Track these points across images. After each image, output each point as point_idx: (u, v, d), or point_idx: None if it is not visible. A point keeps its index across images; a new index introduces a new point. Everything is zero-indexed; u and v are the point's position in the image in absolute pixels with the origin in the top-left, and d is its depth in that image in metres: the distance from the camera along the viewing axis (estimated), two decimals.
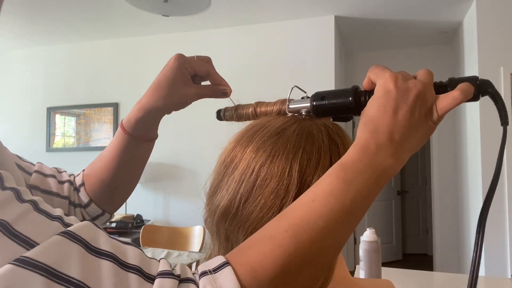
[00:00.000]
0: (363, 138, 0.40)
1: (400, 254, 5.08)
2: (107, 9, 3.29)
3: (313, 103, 0.49)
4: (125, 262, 0.31)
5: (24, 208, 0.30)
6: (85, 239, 0.30)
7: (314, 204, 0.37)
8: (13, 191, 0.31)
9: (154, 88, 0.58)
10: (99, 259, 0.30)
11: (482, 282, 1.68)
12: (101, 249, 0.31)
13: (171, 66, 0.57)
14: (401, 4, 3.18)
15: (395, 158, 0.40)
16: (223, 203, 0.46)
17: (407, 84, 0.41)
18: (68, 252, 0.29)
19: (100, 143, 3.98)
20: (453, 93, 0.41)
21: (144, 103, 0.59)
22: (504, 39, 2.93)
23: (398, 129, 0.40)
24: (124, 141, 0.62)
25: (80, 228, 0.31)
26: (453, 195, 4.04)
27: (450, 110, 0.42)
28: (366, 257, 1.28)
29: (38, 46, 4.22)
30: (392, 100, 0.40)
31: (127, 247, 0.33)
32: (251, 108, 0.54)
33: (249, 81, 3.58)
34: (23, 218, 0.29)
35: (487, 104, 2.81)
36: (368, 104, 0.43)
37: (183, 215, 3.65)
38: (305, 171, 0.44)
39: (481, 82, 0.43)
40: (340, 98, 0.47)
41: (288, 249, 0.34)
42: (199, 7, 2.58)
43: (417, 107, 0.40)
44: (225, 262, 0.34)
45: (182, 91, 0.58)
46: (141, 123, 0.61)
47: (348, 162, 0.39)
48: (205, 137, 3.61)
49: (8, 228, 0.28)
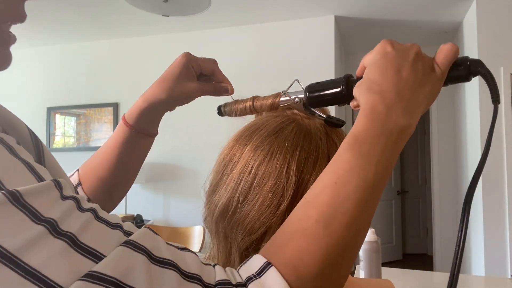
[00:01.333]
0: (370, 101, 0.39)
1: (400, 254, 5.08)
2: (107, 9, 3.29)
3: (307, 94, 0.49)
4: (186, 271, 0.31)
5: (86, 218, 0.30)
6: (147, 248, 0.30)
7: (336, 186, 0.35)
8: (74, 200, 0.30)
9: (159, 82, 0.60)
10: (162, 269, 0.30)
11: (482, 282, 1.68)
12: (163, 258, 0.30)
13: (178, 63, 0.59)
14: (401, 4, 3.18)
15: (407, 115, 0.38)
16: (221, 201, 0.46)
17: (404, 45, 0.41)
18: (133, 263, 0.28)
19: (100, 143, 3.98)
20: (445, 45, 0.42)
21: (148, 95, 0.60)
22: (504, 39, 2.93)
23: (404, 85, 0.39)
24: (125, 134, 0.62)
25: (141, 236, 0.31)
26: (453, 195, 4.04)
27: (449, 63, 0.42)
28: (366, 257, 1.28)
29: (38, 46, 4.22)
30: (393, 60, 0.40)
31: (185, 253, 0.33)
32: (248, 102, 0.55)
33: (249, 81, 3.58)
34: (86, 228, 0.29)
35: (487, 104, 2.81)
36: (367, 70, 0.42)
37: (183, 215, 3.65)
38: (303, 169, 0.44)
39: (471, 62, 0.43)
40: (333, 87, 0.47)
41: (324, 241, 0.33)
42: (199, 7, 2.58)
43: (419, 64, 0.40)
44: (267, 263, 0.33)
45: (186, 86, 0.60)
46: (144, 116, 0.61)
47: (360, 132, 0.37)
48: (205, 137, 3.61)
49: (74, 240, 0.28)
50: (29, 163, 0.30)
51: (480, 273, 2.93)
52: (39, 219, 0.27)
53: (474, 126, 3.06)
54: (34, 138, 0.41)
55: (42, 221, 0.27)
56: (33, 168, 0.30)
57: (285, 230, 0.36)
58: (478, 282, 1.64)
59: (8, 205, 0.26)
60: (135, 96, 2.94)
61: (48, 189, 0.29)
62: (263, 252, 0.36)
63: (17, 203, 0.27)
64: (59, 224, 0.28)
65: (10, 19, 0.38)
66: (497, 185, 2.81)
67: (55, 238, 0.27)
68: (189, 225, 3.09)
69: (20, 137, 0.38)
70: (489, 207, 2.83)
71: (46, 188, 0.29)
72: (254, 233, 0.44)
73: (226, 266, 0.47)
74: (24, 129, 0.40)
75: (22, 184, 0.28)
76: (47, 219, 0.27)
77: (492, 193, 2.82)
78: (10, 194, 0.27)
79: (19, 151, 0.31)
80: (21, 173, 0.29)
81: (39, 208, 0.27)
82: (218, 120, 0.90)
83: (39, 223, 0.27)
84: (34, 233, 0.26)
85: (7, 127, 0.37)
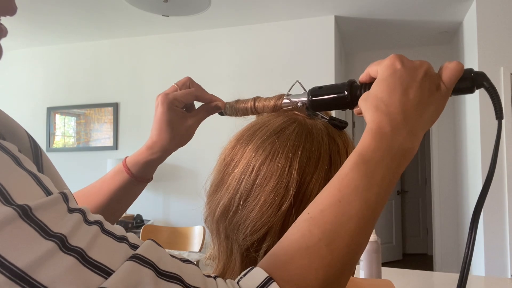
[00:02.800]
0: (377, 122, 0.39)
1: (400, 254, 5.08)
2: (107, 9, 3.29)
3: (309, 97, 0.49)
4: (191, 285, 0.31)
5: (94, 232, 0.29)
6: (153, 262, 0.30)
7: (341, 204, 0.36)
8: (80, 213, 0.30)
9: (159, 133, 0.59)
10: (168, 283, 0.30)
11: (482, 282, 1.68)
12: (168, 271, 0.31)
13: (162, 111, 0.58)
14: (401, 4, 3.18)
15: (411, 138, 0.39)
16: (223, 201, 0.46)
17: (413, 63, 0.41)
18: (141, 278, 0.29)
19: (100, 143, 3.98)
20: (450, 64, 0.42)
21: (155, 146, 0.60)
22: (504, 39, 2.93)
23: (411, 107, 0.39)
24: (123, 180, 0.61)
25: (146, 249, 0.31)
26: (453, 195, 4.04)
27: (455, 80, 0.42)
28: (366, 257, 1.28)
29: (38, 46, 4.22)
30: (402, 78, 0.40)
31: (187, 266, 0.33)
32: (250, 103, 0.55)
33: (249, 81, 3.58)
34: (94, 243, 0.29)
35: (487, 104, 2.81)
36: (375, 85, 0.42)
37: (183, 215, 3.65)
38: (305, 169, 0.44)
39: (476, 75, 0.43)
40: (336, 92, 0.47)
41: (326, 259, 0.34)
42: (199, 7, 2.58)
43: (426, 84, 0.41)
44: (269, 278, 0.34)
45: (183, 127, 0.60)
46: (150, 165, 0.62)
47: (366, 152, 0.38)
48: (205, 137, 3.60)
49: (83, 256, 0.27)
50: (35, 174, 0.30)
51: (480, 273, 2.93)
52: (48, 235, 0.27)
53: (474, 126, 3.06)
54: (33, 144, 0.40)
55: (52, 236, 0.27)
56: (39, 179, 0.30)
57: (288, 246, 0.36)
58: (478, 282, 1.64)
59: (18, 220, 0.26)
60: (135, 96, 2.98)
61: (56, 203, 0.29)
62: (264, 265, 0.36)
63: (27, 218, 0.26)
64: (68, 239, 0.27)
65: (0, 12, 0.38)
66: (497, 185, 2.81)
67: (64, 254, 0.27)
68: (189, 225, 3.09)
69: (19, 143, 0.38)
70: (489, 207, 2.83)
71: (55, 202, 0.29)
72: (255, 233, 0.44)
73: (227, 266, 0.47)
74: (23, 134, 0.40)
75: (31, 198, 0.28)
76: (57, 234, 0.27)
77: (492, 193, 2.82)
78: (21, 209, 0.26)
79: (23, 161, 0.31)
80: (29, 186, 0.29)
81: (48, 223, 0.27)
82: (219, 120, 0.90)
83: (48, 239, 0.27)
84: (44, 249, 0.26)
85: (5, 132, 0.37)
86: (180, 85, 0.60)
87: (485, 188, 0.40)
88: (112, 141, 3.93)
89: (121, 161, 0.64)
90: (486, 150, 2.88)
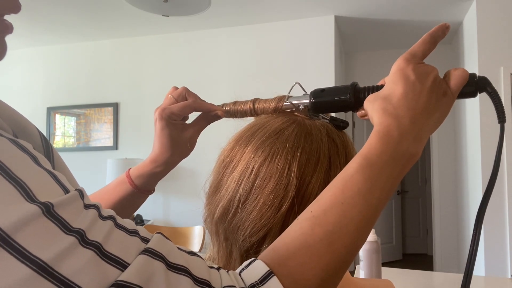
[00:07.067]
0: (385, 125, 0.40)
1: (400, 254, 5.08)
2: (107, 9, 3.29)
3: (311, 100, 0.49)
4: (198, 276, 0.33)
5: (108, 227, 0.31)
6: (163, 255, 0.32)
7: (343, 207, 0.37)
8: (95, 208, 0.32)
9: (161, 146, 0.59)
10: (178, 275, 0.31)
11: (482, 282, 1.68)
12: (177, 264, 0.32)
13: (161, 127, 0.58)
14: (401, 4, 3.18)
15: (416, 143, 0.40)
16: (222, 203, 0.46)
17: (423, 68, 0.42)
18: (154, 271, 0.30)
19: (100, 143, 3.98)
20: (456, 71, 0.43)
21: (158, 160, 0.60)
22: (504, 39, 2.93)
23: (419, 113, 0.40)
24: (127, 192, 0.61)
25: (157, 243, 0.33)
26: (453, 195, 4.04)
27: (460, 87, 0.43)
28: (366, 257, 1.28)
29: (38, 46, 4.22)
30: (412, 83, 0.41)
31: (193, 258, 0.34)
32: (249, 104, 0.55)
33: (248, 81, 3.58)
34: (109, 237, 0.30)
35: (487, 104, 2.81)
36: (386, 88, 0.42)
37: (183, 215, 3.65)
38: (304, 170, 0.44)
39: (479, 80, 0.43)
40: (339, 95, 0.47)
41: (326, 258, 0.36)
42: (199, 7, 2.58)
43: (434, 90, 0.41)
44: (269, 272, 0.35)
45: (184, 139, 0.61)
46: (154, 178, 0.62)
47: (372, 155, 0.38)
48: (205, 137, 3.59)
49: (100, 249, 0.29)
50: (52, 172, 0.32)
51: (480, 273, 2.93)
52: (69, 230, 0.28)
53: (474, 126, 3.06)
54: (44, 142, 0.41)
55: (72, 231, 0.28)
56: (57, 177, 0.32)
57: (289, 242, 0.37)
58: (478, 282, 1.63)
59: (42, 217, 0.28)
60: (135, 96, 2.97)
61: (74, 200, 0.31)
62: (265, 258, 0.36)
63: (49, 215, 0.28)
64: (86, 234, 0.29)
65: (4, 9, 0.38)
66: (497, 185, 2.81)
67: (84, 248, 0.28)
68: (189, 225, 3.08)
69: (31, 140, 0.38)
70: (489, 208, 2.81)
71: (73, 199, 0.30)
72: (255, 234, 0.43)
73: (227, 267, 0.47)
74: (34, 131, 0.40)
75: (51, 195, 0.29)
76: (76, 230, 0.29)
77: (493, 193, 2.80)
78: (44, 206, 0.28)
79: (40, 160, 0.32)
80: (49, 184, 0.30)
81: (68, 219, 0.29)
82: (219, 120, 0.90)
83: (69, 234, 0.28)
84: (66, 244, 0.28)
85: (17, 130, 0.37)
86: (176, 96, 0.59)
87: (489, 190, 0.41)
88: (112, 141, 3.93)
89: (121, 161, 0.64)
90: (486, 150, 2.88)
